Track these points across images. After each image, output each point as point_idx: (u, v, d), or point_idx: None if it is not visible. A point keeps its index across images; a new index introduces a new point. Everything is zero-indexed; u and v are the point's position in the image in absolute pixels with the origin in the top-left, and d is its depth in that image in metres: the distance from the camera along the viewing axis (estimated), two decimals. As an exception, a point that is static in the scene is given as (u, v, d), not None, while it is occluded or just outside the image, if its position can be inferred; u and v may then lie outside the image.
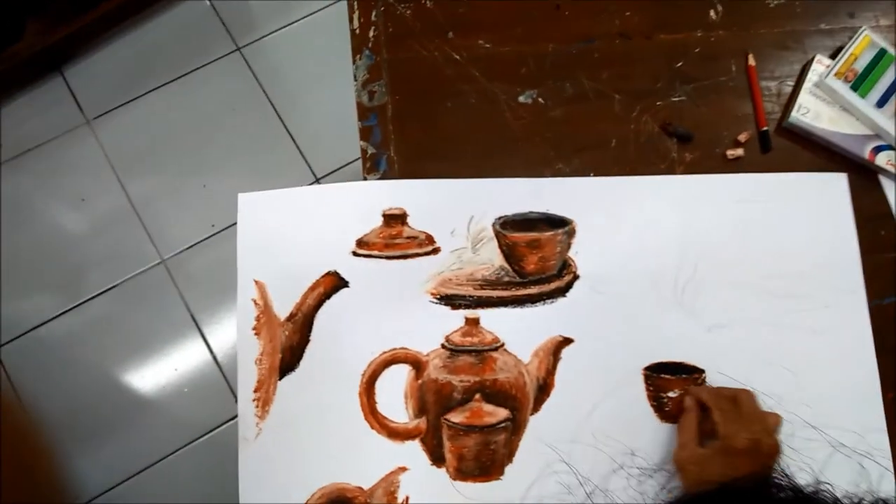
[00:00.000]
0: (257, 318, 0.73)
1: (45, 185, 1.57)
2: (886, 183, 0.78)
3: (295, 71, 1.67)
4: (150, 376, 1.46)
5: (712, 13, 0.82)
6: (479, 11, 0.80)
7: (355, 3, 0.80)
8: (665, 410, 0.71)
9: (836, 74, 0.78)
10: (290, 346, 0.72)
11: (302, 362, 0.72)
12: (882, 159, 0.77)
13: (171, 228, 1.55)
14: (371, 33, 0.79)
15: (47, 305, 1.50)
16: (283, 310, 0.73)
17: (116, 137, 1.61)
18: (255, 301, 0.73)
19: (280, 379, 0.71)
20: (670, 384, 0.71)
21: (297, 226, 0.75)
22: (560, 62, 0.79)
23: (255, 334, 0.73)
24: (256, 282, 0.74)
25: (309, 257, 0.74)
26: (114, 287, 1.51)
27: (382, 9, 0.80)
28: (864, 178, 0.78)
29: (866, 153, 0.77)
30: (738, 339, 0.73)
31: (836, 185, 0.78)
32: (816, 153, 0.78)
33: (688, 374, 0.72)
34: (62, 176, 1.58)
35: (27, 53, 1.54)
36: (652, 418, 0.71)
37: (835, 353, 0.73)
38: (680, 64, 0.80)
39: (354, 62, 0.78)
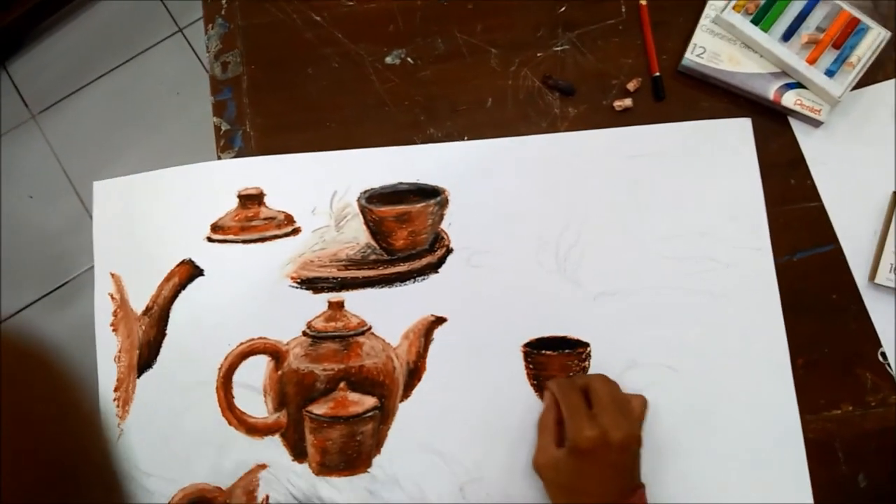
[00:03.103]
0: (114, 314, 0.69)
1: (-8, 184, 1.56)
2: (797, 125, 0.70)
3: (239, 49, 1.61)
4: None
5: (599, -50, 0.74)
6: (343, -33, 0.74)
7: (204, -33, 0.74)
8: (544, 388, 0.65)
9: (734, 7, 0.70)
10: (147, 341, 0.68)
11: (159, 358, 0.67)
12: (790, 99, 0.69)
13: (120, 220, 1.52)
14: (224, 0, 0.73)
15: (-2, 305, 1.49)
16: (140, 303, 0.69)
17: (62, 130, 1.58)
18: (111, 295, 0.69)
19: (139, 376, 0.67)
20: (551, 360, 0.65)
21: (152, 212, 0.70)
22: (431, 16, 0.73)
23: (113, 330, 0.68)
24: (112, 275, 0.69)
25: (164, 246, 0.69)
26: (67, 282, 1.49)
27: (239, -28, 0.74)
28: (772, 122, 0.70)
29: (771, 93, 0.69)
30: (629, 307, 0.67)
31: (738, 132, 0.70)
32: (716, 98, 0.71)
33: (571, 348, 0.66)
34: (9, 173, 1.56)
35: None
36: (533, 398, 0.65)
37: (738, 317, 0.66)
38: (563, 9, 0.72)
39: (206, 32, 0.73)
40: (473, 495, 0.63)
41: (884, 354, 0.66)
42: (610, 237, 0.68)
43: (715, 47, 0.70)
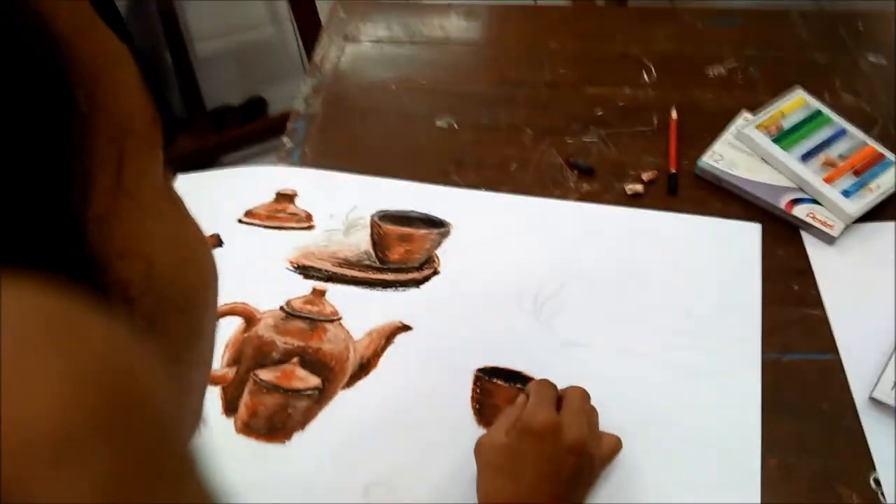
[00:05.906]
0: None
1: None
2: (808, 239, 0.69)
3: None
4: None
5: (645, 75, 0.83)
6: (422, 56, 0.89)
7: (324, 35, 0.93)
8: (485, 415, 0.62)
9: (758, 126, 0.74)
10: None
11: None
12: (802, 211, 0.69)
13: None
14: (327, 65, 0.90)
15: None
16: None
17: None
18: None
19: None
20: (499, 390, 0.63)
21: (211, 198, 0.81)
22: (484, 101, 0.84)
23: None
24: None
25: (208, 222, 0.79)
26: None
27: (345, 46, 0.92)
28: (783, 230, 0.70)
29: (783, 203, 0.70)
30: (595, 362, 0.64)
31: (747, 234, 0.70)
32: (728, 202, 0.73)
33: (523, 384, 0.63)
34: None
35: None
36: (470, 420, 0.62)
37: (709, 401, 0.61)
38: (600, 112, 0.81)
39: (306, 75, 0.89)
40: (376, 497, 0.59)
41: (877, 481, 0.56)
42: (594, 297, 0.68)
43: (732, 156, 0.74)
